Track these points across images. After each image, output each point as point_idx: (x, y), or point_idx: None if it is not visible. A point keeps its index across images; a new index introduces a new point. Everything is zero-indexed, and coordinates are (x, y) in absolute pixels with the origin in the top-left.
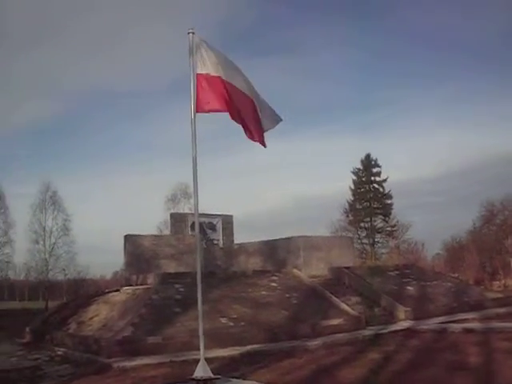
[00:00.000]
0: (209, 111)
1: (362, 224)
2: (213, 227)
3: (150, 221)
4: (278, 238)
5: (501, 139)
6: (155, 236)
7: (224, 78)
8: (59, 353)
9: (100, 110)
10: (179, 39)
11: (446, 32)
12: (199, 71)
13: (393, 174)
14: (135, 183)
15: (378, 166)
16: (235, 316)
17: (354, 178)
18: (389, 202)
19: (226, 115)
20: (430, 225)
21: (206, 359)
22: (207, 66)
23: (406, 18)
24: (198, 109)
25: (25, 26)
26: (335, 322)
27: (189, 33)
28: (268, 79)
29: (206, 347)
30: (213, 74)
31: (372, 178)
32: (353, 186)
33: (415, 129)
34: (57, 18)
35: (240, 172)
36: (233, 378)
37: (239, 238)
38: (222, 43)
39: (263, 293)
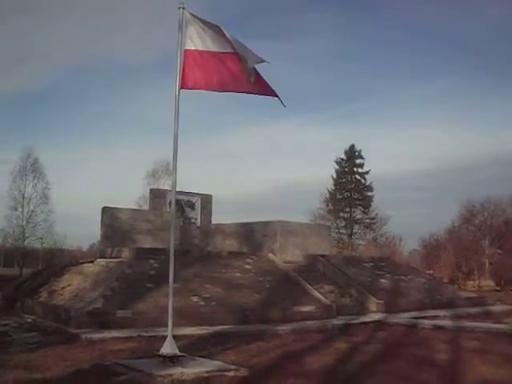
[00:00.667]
0: (192, 88)
1: (341, 214)
2: (191, 205)
3: (131, 195)
4: (255, 221)
5: (493, 138)
6: (133, 210)
7: (215, 50)
8: (28, 320)
9: (89, 82)
10: (170, 14)
11: (441, 24)
12: (187, 47)
13: (377, 165)
14: (120, 157)
15: (362, 158)
16: (207, 295)
17: (337, 167)
18: (370, 194)
19: (211, 94)
20: (409, 220)
21: (175, 337)
22: (196, 41)
23: (400, 9)
24: (183, 85)
25: None
26: (306, 308)
27: (179, 8)
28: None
29: (176, 325)
30: (202, 49)
31: (354, 169)
32: (335, 176)
33: (403, 121)
34: None
35: (224, 154)
36: (199, 356)
37: (217, 219)
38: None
39: (237, 274)
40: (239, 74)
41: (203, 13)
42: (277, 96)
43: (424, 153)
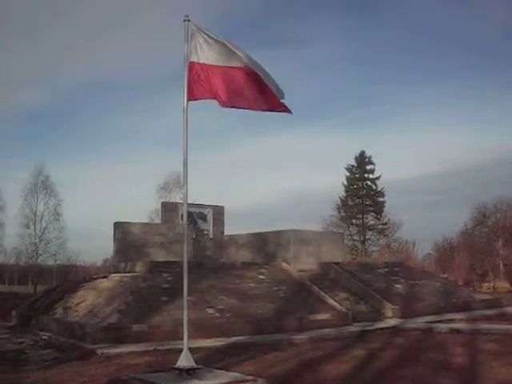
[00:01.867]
0: (200, 99)
1: (353, 221)
2: (203, 217)
3: (142, 209)
4: (268, 230)
5: (503, 139)
6: (145, 224)
7: (220, 64)
8: (44, 337)
9: (95, 97)
10: (176, 28)
11: (449, 26)
12: (193, 59)
13: (388, 170)
14: (129, 171)
15: (372, 164)
16: (222, 307)
17: (348, 174)
18: (381, 199)
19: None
20: (422, 224)
21: (191, 349)
22: (202, 54)
23: (407, 12)
24: (190, 97)
25: (18, 14)
26: (322, 316)
27: (184, 20)
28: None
29: (192, 337)
30: (207, 62)
31: (365, 175)
32: (346, 183)
33: (413, 125)
34: (50, 6)
35: (234, 164)
36: (216, 368)
37: (230, 230)
38: (223, 33)
39: (251, 285)
40: (246, 89)
41: (211, 22)
42: (285, 111)
43: (435, 155)
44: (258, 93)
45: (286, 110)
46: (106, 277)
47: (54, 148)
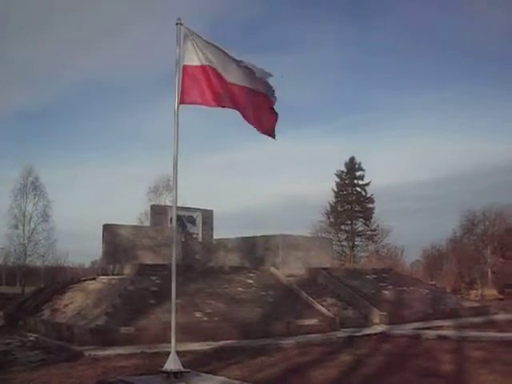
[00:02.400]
0: (192, 103)
1: (342, 226)
2: (192, 221)
3: (132, 211)
4: (257, 235)
5: (496, 146)
6: (134, 227)
7: (213, 67)
8: (31, 338)
9: (86, 99)
10: (169, 31)
11: (447, 32)
12: (186, 63)
13: (378, 177)
14: (119, 173)
15: (362, 170)
16: (210, 311)
17: (337, 180)
18: (371, 205)
19: (212, 109)
20: (411, 231)
21: (178, 352)
22: (195, 57)
23: (405, 17)
24: (182, 100)
25: (15, 14)
26: (310, 322)
27: (177, 24)
28: None
29: (179, 340)
30: (200, 64)
31: (355, 181)
32: (336, 188)
33: (404, 131)
34: (47, 8)
35: (223, 168)
36: (203, 372)
37: (219, 234)
38: (216, 37)
39: (239, 289)
40: (236, 90)
41: (204, 27)
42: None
43: (426, 162)
44: (251, 107)
45: (271, 134)
46: (94, 279)
47: (45, 149)
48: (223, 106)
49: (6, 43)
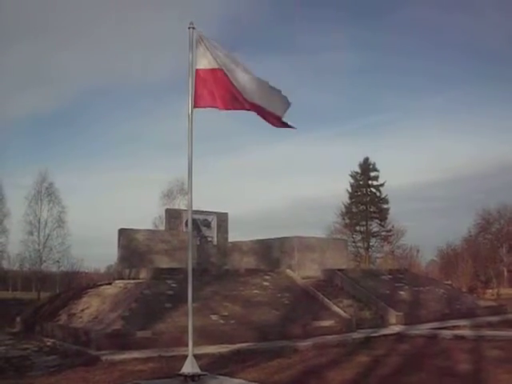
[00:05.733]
0: (206, 107)
1: (357, 227)
2: (207, 224)
3: (146, 216)
4: (272, 237)
5: (508, 147)
6: (149, 231)
7: (225, 71)
8: (48, 343)
9: (99, 102)
10: (182, 33)
11: (457, 34)
12: (198, 66)
13: (393, 177)
14: (135, 178)
15: (376, 170)
16: (226, 314)
17: (352, 181)
18: (385, 206)
19: (226, 112)
20: (426, 231)
21: (195, 356)
22: (207, 61)
23: (416, 19)
24: (196, 104)
25: (25, 17)
26: (326, 323)
27: (189, 28)
28: (270, 79)
29: (196, 344)
30: (212, 68)
31: (369, 182)
32: (350, 189)
33: (418, 132)
34: (57, 8)
35: (237, 171)
36: (220, 375)
37: (234, 237)
38: (227, 39)
39: (255, 292)
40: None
41: (216, 29)
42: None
43: (439, 163)
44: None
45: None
46: (110, 283)
47: (58, 154)
48: (236, 109)
49: (12, 42)
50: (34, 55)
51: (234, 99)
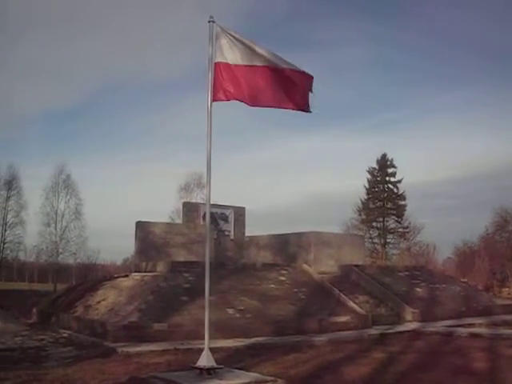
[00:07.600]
0: (224, 100)
1: (374, 224)
2: (225, 218)
3: (163, 209)
4: (289, 232)
5: None
6: (167, 224)
7: (245, 63)
8: (64, 335)
9: (118, 95)
10: (201, 27)
11: (471, 32)
12: (218, 60)
13: (410, 174)
14: (152, 171)
15: (394, 167)
16: (242, 308)
17: (369, 177)
18: (402, 202)
19: (244, 106)
20: (442, 228)
21: (211, 349)
22: (227, 54)
23: (431, 17)
24: (215, 97)
25: (42, 15)
26: (342, 319)
27: (209, 21)
28: None
29: (212, 337)
30: (232, 62)
31: (387, 178)
32: (367, 185)
33: (434, 129)
34: (77, 4)
35: (256, 165)
36: (236, 369)
37: (250, 231)
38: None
39: (271, 286)
40: (268, 88)
41: (235, 23)
42: (307, 110)
43: (452, 160)
44: (283, 91)
45: (306, 109)
46: (126, 276)
47: (76, 147)
48: (255, 106)
49: (40, 41)
50: (55, 49)
51: (252, 95)
